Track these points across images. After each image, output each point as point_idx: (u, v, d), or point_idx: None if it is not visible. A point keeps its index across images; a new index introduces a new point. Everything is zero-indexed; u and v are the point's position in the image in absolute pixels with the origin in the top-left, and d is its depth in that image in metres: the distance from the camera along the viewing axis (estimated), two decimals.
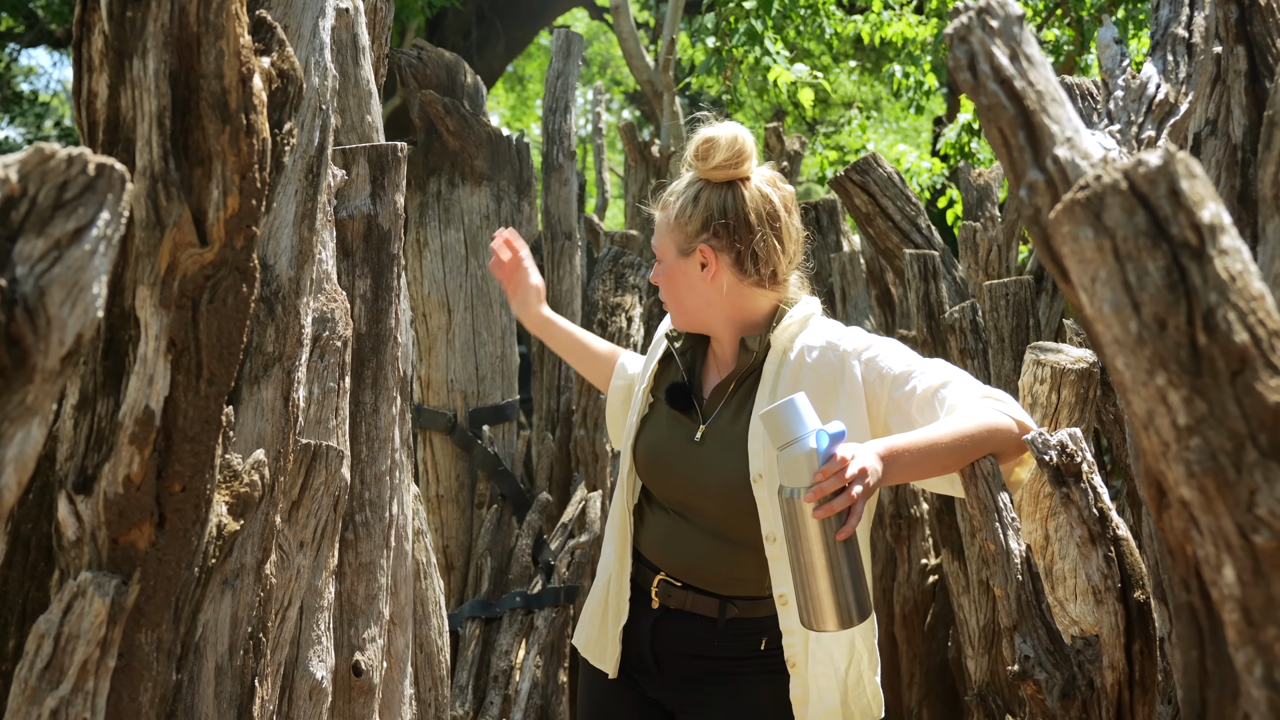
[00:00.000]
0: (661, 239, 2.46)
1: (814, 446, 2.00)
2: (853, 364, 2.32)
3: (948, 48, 1.38)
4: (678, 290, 2.46)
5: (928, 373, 2.26)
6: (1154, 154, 1.14)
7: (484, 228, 4.42)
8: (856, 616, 2.07)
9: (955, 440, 2.10)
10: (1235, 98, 2.09)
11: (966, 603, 4.18)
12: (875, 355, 2.31)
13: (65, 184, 1.09)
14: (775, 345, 2.41)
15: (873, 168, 4.95)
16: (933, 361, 2.30)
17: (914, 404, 2.23)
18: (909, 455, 2.09)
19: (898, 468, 2.08)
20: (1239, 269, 1.12)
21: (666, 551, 2.46)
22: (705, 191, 2.40)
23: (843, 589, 2.04)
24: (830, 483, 1.98)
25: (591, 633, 2.61)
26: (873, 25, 8.53)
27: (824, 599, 2.05)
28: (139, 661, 1.65)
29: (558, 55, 5.05)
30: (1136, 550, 1.95)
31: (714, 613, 2.42)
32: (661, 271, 2.47)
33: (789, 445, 2.01)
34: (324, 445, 2.06)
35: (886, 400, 2.28)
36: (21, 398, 1.07)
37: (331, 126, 1.99)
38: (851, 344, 2.35)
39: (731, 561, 2.40)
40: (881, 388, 2.28)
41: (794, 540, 2.04)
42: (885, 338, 2.39)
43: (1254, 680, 1.13)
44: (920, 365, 2.29)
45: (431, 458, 4.42)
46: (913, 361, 2.30)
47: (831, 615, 2.06)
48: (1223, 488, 1.11)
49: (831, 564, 2.03)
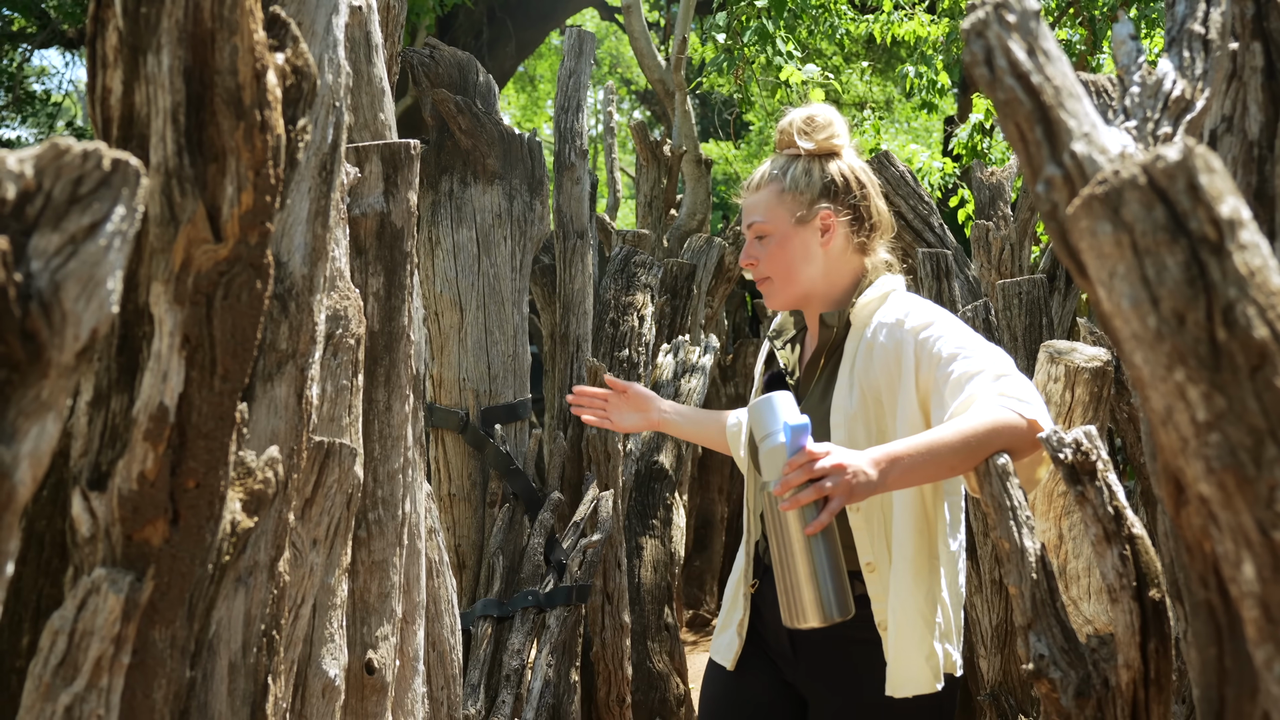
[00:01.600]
0: (773, 212, 2.55)
1: (784, 440, 2.06)
2: (908, 341, 2.39)
3: (964, 43, 1.38)
4: (792, 260, 2.55)
5: (972, 359, 2.29)
6: (1172, 148, 1.13)
7: (496, 226, 4.41)
8: (836, 611, 2.10)
9: (960, 440, 2.10)
10: (1251, 94, 2.08)
11: (979, 602, 4.17)
12: (930, 335, 2.37)
13: (80, 179, 1.09)
14: (855, 322, 2.51)
15: (885, 167, 4.94)
16: (985, 348, 2.32)
17: (947, 388, 2.28)
18: (909, 459, 2.11)
19: (898, 471, 2.11)
20: (1259, 264, 1.11)
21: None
22: (813, 163, 2.58)
23: (821, 582, 2.08)
24: (795, 475, 2.05)
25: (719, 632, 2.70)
26: (884, 25, 8.52)
27: (803, 591, 2.09)
28: (153, 658, 1.65)
29: (570, 54, 5.05)
30: (1152, 549, 1.94)
31: None
32: (769, 246, 2.55)
33: (765, 439, 2.09)
34: (337, 443, 2.06)
35: (931, 380, 2.34)
36: (36, 393, 1.07)
37: (345, 124, 1.99)
38: (913, 321, 2.42)
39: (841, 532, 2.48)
40: (928, 367, 2.34)
41: (773, 533, 2.09)
42: (951, 317, 2.42)
43: (1274, 677, 1.12)
44: (970, 350, 2.31)
45: (444, 456, 4.42)
46: (964, 345, 2.33)
47: (811, 609, 2.11)
48: (1242, 484, 1.11)
49: (809, 557, 2.07)
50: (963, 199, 7.75)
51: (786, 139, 2.60)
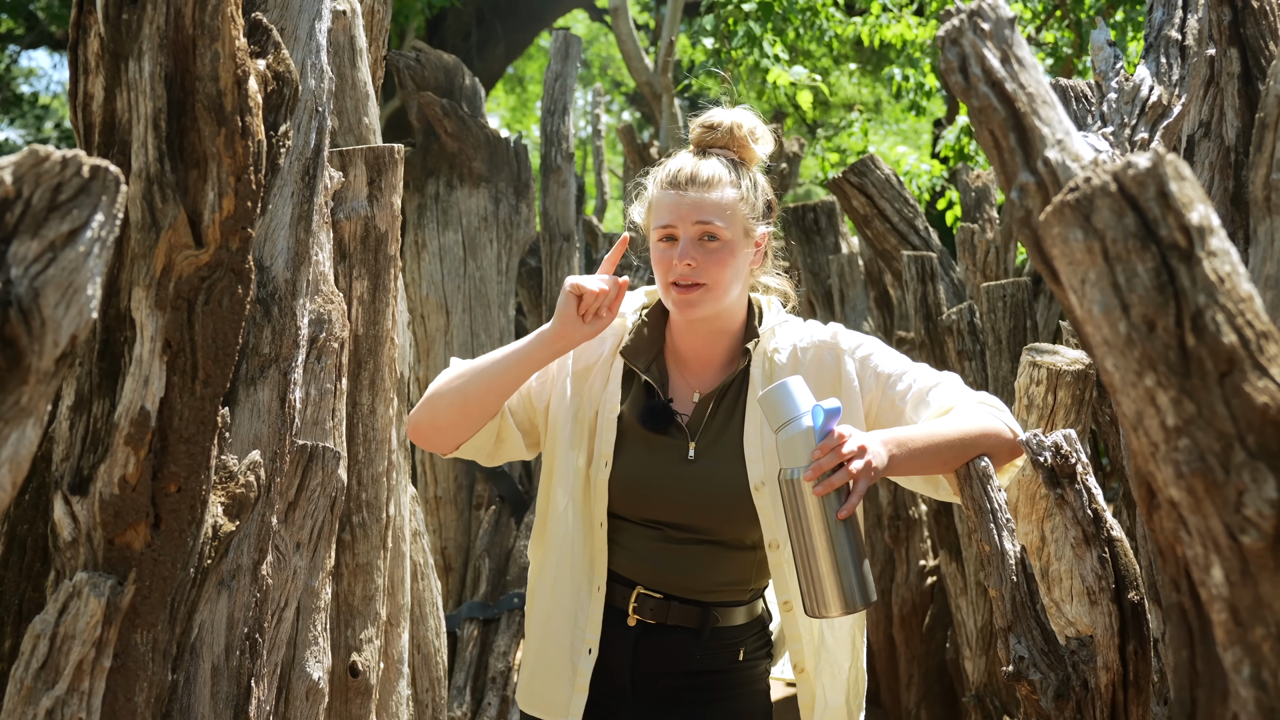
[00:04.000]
0: (731, 217, 2.26)
1: (810, 424, 2.00)
2: (847, 361, 2.30)
3: (939, 50, 1.39)
4: (734, 274, 2.27)
5: (919, 373, 2.26)
6: (1143, 156, 1.14)
7: (482, 229, 4.42)
8: (860, 600, 2.06)
9: (955, 438, 2.09)
10: (1228, 100, 2.10)
11: (964, 604, 4.19)
12: (869, 353, 2.30)
13: (60, 186, 1.09)
14: (759, 350, 2.33)
15: (870, 169, 4.96)
16: (923, 365, 2.30)
17: (908, 402, 2.22)
18: (913, 446, 2.07)
19: (902, 456, 2.07)
20: (1227, 270, 1.12)
21: (647, 565, 2.33)
22: (755, 176, 2.32)
23: (845, 571, 2.03)
24: (828, 459, 1.97)
25: (541, 685, 2.38)
26: (871, 27, 8.54)
27: (826, 582, 2.04)
28: (135, 662, 1.66)
29: (556, 57, 5.06)
30: (1131, 551, 1.95)
31: (696, 623, 2.33)
32: (715, 252, 2.25)
33: (785, 425, 2.02)
34: (321, 446, 2.06)
35: (880, 398, 2.26)
36: (16, 399, 1.07)
37: (328, 129, 2.00)
38: (845, 342, 2.31)
39: (719, 566, 2.33)
40: (875, 386, 2.27)
41: (795, 524, 2.03)
42: (870, 336, 2.38)
43: (1242, 680, 1.13)
44: (910, 365, 2.28)
45: (429, 459, 4.42)
46: (903, 361, 2.30)
47: (835, 599, 2.04)
48: (1211, 488, 1.12)
49: (832, 545, 2.02)
50: (950, 201, 7.77)
51: (737, 141, 2.33)
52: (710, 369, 2.37)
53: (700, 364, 2.37)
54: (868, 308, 5.68)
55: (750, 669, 2.38)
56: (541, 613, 2.37)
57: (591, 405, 2.36)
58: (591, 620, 2.33)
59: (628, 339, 2.37)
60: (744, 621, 2.37)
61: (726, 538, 2.32)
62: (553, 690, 2.35)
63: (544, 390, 2.39)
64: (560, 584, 2.35)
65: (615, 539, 2.34)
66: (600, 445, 2.33)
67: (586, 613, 2.33)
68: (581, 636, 2.33)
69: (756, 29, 7.81)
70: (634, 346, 2.36)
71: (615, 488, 2.32)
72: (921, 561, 4.90)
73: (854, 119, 10.18)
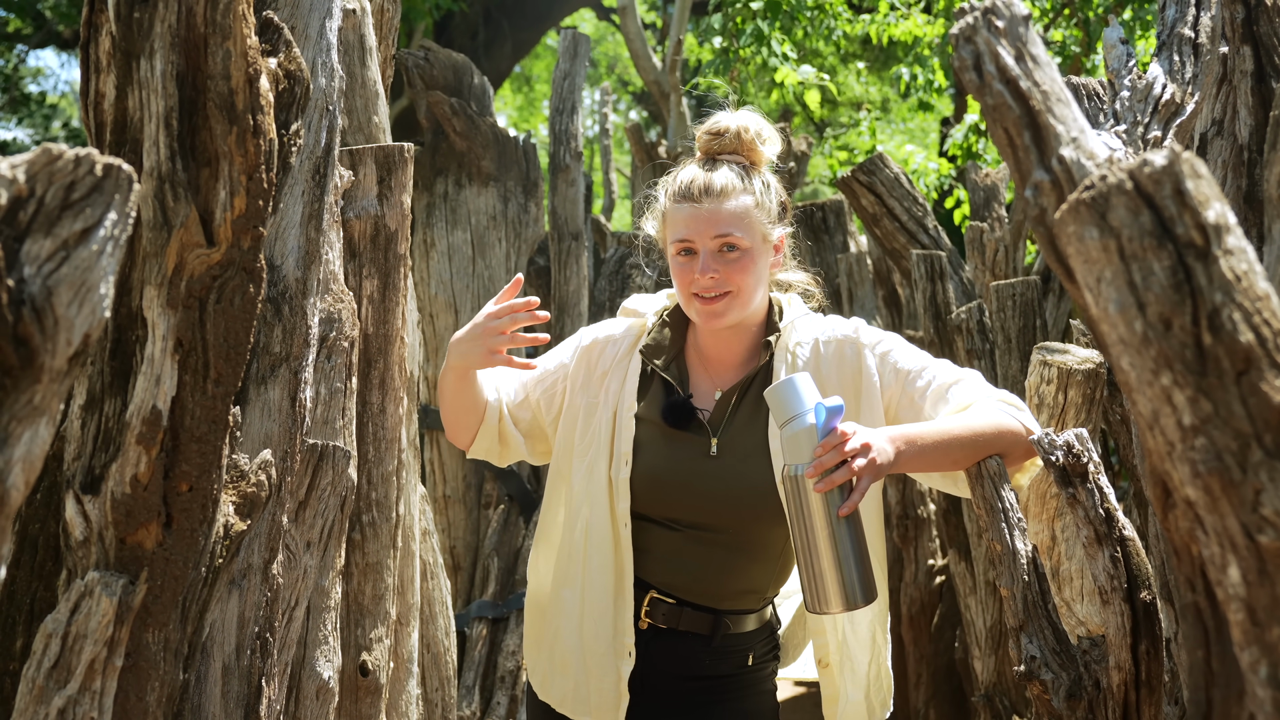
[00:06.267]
0: (749, 225, 2.27)
1: (813, 421, 2.01)
2: (868, 356, 2.30)
3: (953, 48, 1.38)
4: (757, 280, 2.29)
5: (940, 369, 2.25)
6: (1159, 154, 1.13)
7: (491, 228, 4.42)
8: (861, 598, 2.06)
9: (969, 436, 2.09)
10: (1241, 98, 2.09)
11: (974, 603, 4.18)
12: (889, 349, 2.30)
13: (73, 184, 1.09)
14: (780, 344, 2.34)
15: (879, 168, 4.95)
16: (944, 361, 2.29)
17: (927, 399, 2.22)
18: (922, 443, 2.07)
19: (910, 453, 2.06)
20: (1244, 269, 1.12)
21: (669, 569, 2.32)
22: (768, 178, 2.34)
23: (846, 568, 2.04)
24: (830, 456, 1.98)
25: (575, 686, 2.36)
26: (880, 25, 8.53)
27: (827, 579, 2.04)
28: (146, 661, 1.66)
29: (564, 56, 5.06)
30: (1143, 551, 1.94)
31: (707, 629, 2.32)
32: (737, 261, 2.26)
33: (789, 422, 2.03)
34: (331, 445, 2.06)
35: (899, 393, 2.26)
36: (29, 398, 1.07)
37: (338, 127, 2.00)
38: (866, 337, 2.31)
39: (737, 573, 2.33)
40: (895, 381, 2.27)
41: (797, 521, 2.04)
42: (891, 333, 2.38)
43: (1259, 680, 1.13)
44: (931, 361, 2.28)
45: (438, 458, 4.42)
46: (924, 358, 2.29)
47: (836, 596, 2.05)
48: (1228, 488, 1.11)
49: (834, 542, 2.02)
50: (959, 200, 7.76)
51: (745, 145, 2.33)
52: (732, 366, 2.38)
53: (721, 362, 2.38)
54: (876, 307, 5.68)
55: (758, 671, 2.39)
56: (571, 617, 2.35)
57: (609, 405, 2.36)
58: (628, 623, 2.32)
59: (647, 338, 2.38)
60: (754, 628, 2.37)
61: (748, 542, 2.32)
62: (598, 693, 2.33)
63: (551, 399, 2.41)
64: (590, 587, 2.33)
65: (636, 541, 2.33)
66: (620, 444, 2.33)
67: (623, 615, 2.32)
68: (621, 640, 2.32)
69: (764, 27, 7.80)
70: (654, 345, 2.37)
71: (637, 486, 2.31)
72: (930, 561, 4.89)
73: (862, 118, 10.18)
